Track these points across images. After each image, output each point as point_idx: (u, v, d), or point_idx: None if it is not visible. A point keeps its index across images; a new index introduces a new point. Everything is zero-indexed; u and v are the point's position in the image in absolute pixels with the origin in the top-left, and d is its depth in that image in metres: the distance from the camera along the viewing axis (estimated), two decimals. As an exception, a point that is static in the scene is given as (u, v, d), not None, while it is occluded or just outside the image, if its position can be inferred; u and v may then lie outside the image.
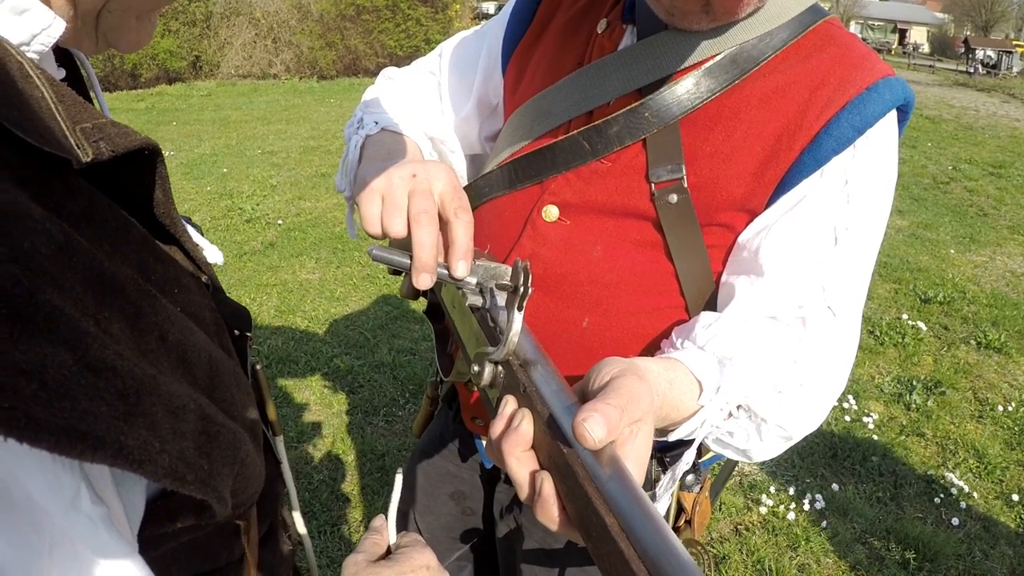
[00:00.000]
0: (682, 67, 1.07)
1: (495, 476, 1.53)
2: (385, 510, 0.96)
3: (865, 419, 3.97)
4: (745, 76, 1.06)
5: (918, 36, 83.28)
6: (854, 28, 76.16)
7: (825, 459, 3.60)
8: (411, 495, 1.69)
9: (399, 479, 0.99)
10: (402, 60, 19.06)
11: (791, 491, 3.34)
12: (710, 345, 0.99)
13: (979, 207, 8.72)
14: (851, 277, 1.05)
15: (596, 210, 1.12)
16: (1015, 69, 43.00)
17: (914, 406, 4.16)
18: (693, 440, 0.98)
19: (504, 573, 1.67)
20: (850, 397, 4.16)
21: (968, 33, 69.59)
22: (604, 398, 0.65)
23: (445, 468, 1.63)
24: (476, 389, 0.85)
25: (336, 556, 2.81)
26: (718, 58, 1.06)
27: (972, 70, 39.45)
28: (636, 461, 0.65)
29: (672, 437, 0.95)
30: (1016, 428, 4.05)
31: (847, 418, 3.99)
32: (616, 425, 0.62)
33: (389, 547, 0.92)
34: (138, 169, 0.51)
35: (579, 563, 1.44)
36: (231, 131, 10.71)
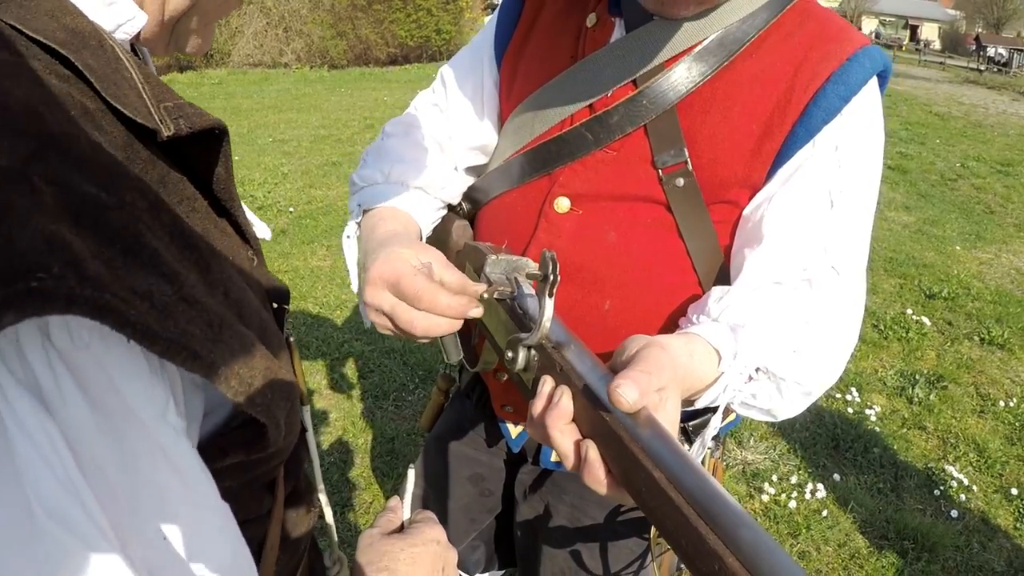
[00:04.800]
0: (673, 55, 1.13)
1: (520, 459, 1.58)
2: (399, 493, 1.02)
3: (867, 411, 4.02)
4: (733, 57, 1.11)
5: (929, 33, 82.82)
6: (866, 23, 75.80)
7: (827, 450, 3.65)
8: (426, 481, 1.74)
9: (411, 473, 1.06)
10: (412, 50, 19.08)
11: (793, 480, 3.39)
12: (723, 316, 1.04)
13: (986, 204, 8.75)
14: (850, 236, 1.10)
15: (606, 198, 1.18)
16: (1026, 67, 42.80)
17: (916, 400, 4.21)
18: (717, 407, 1.05)
19: (522, 553, 1.73)
20: (853, 390, 4.21)
21: (980, 30, 69.20)
22: (633, 367, 0.72)
23: (463, 452, 1.68)
24: (509, 374, 0.91)
25: (345, 536, 2.87)
26: (705, 42, 1.11)
27: (983, 67, 39.28)
28: (668, 425, 0.71)
29: (698, 404, 1.01)
30: (1017, 423, 4.10)
31: (850, 410, 4.04)
32: (646, 389, 0.68)
33: (403, 523, 0.98)
34: (206, 147, 0.57)
35: (603, 538, 1.50)
36: (242, 119, 10.76)
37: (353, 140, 9.48)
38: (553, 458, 1.45)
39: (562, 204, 1.20)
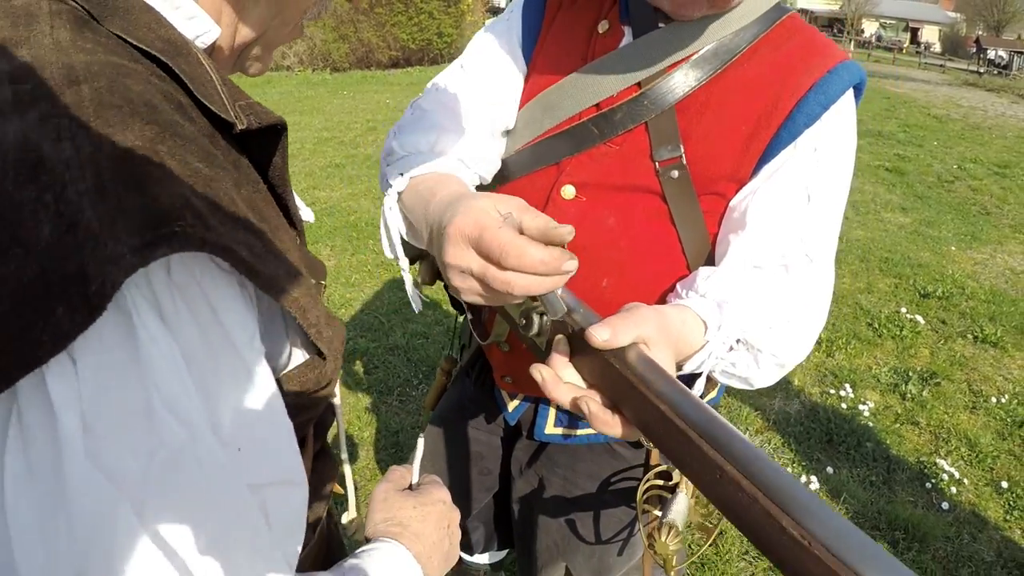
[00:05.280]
0: (673, 61, 1.25)
1: (516, 434, 1.69)
2: (408, 461, 1.11)
3: (861, 407, 4.11)
4: (726, 66, 1.24)
5: (930, 35, 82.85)
6: (866, 26, 75.87)
7: (821, 444, 3.74)
8: (428, 459, 1.84)
9: (421, 441, 1.15)
10: (414, 53, 19.15)
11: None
12: (710, 292, 1.16)
13: (982, 205, 8.84)
14: (824, 228, 1.24)
15: (608, 187, 1.29)
16: (1027, 70, 42.84)
17: (909, 396, 4.29)
18: (701, 373, 1.16)
19: (519, 530, 1.83)
20: (847, 386, 4.30)
21: (980, 33, 69.23)
22: (616, 316, 0.86)
23: (463, 431, 1.79)
24: (523, 341, 1.00)
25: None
26: (702, 51, 1.24)
27: (982, 70, 39.32)
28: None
29: (686, 369, 1.12)
30: (1008, 419, 4.17)
31: (843, 406, 4.13)
32: (619, 330, 0.81)
33: (411, 484, 1.07)
34: (267, 140, 0.67)
35: (594, 508, 1.62)
36: (246, 121, 10.83)
37: (356, 142, 9.57)
38: (547, 431, 1.55)
39: (568, 191, 1.31)
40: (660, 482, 1.41)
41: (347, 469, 1.10)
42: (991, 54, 47.47)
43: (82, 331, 0.45)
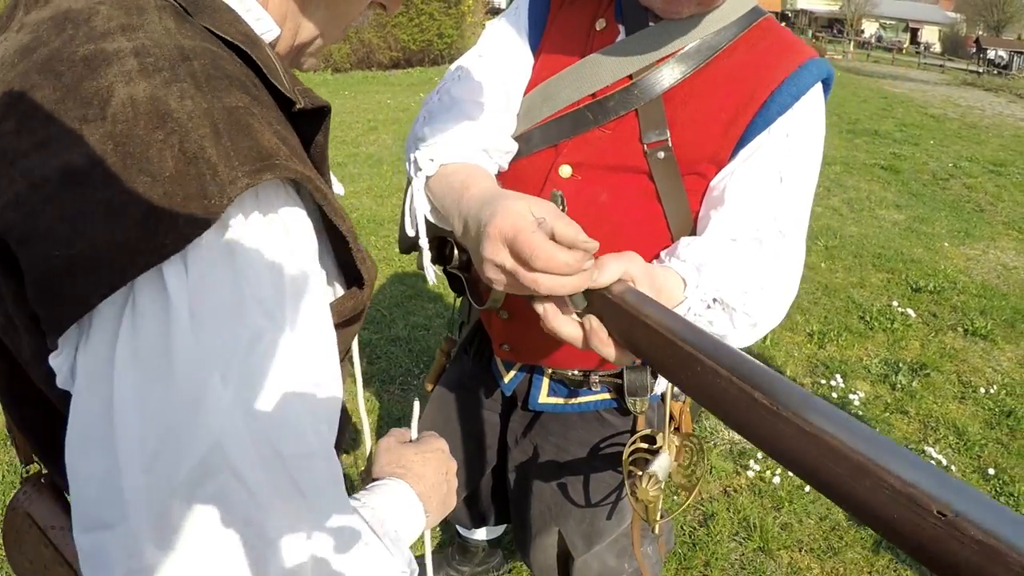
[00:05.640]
0: (661, 56, 1.38)
1: (511, 406, 1.82)
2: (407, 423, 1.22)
3: (851, 396, 4.21)
4: (708, 61, 1.38)
5: (930, 35, 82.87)
6: (866, 26, 75.93)
7: (811, 431, 3.83)
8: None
9: (416, 404, 1.27)
10: (415, 54, 19.25)
11: (778, 458, 3.58)
12: (690, 258, 1.28)
13: (976, 203, 8.95)
14: (795, 207, 1.38)
15: (601, 167, 1.42)
16: (1026, 70, 42.87)
17: (899, 386, 4.39)
18: None
19: (515, 497, 1.94)
20: (837, 376, 4.40)
21: (980, 33, 69.24)
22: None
23: (463, 408, 1.91)
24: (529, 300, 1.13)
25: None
26: (686, 48, 1.38)
27: (981, 70, 39.36)
28: None
29: None
30: (997, 409, 4.26)
31: (834, 395, 4.23)
32: (608, 263, 1.01)
33: (411, 439, 1.17)
34: (314, 121, 0.78)
35: (584, 472, 1.74)
36: (248, 121, 10.94)
37: (357, 142, 9.68)
38: (540, 400, 1.67)
39: (565, 171, 1.43)
40: (644, 445, 1.51)
41: (365, 422, 1.21)
42: (991, 54, 47.54)
43: (199, 235, 0.57)
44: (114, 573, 0.60)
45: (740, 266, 1.29)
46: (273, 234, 0.65)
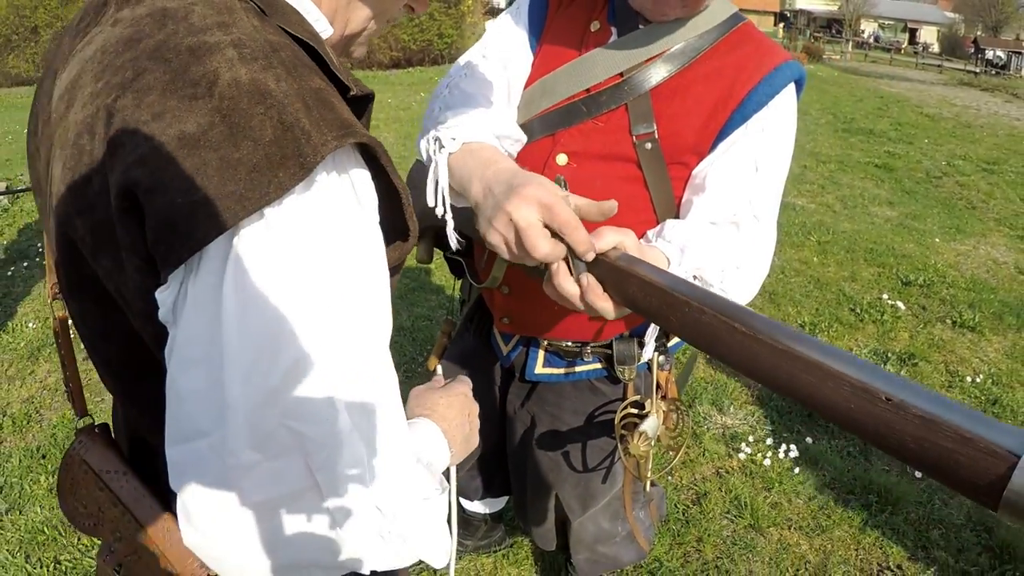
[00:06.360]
0: (650, 56, 1.52)
1: (510, 378, 1.96)
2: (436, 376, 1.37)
3: (841, 384, 4.31)
4: (691, 61, 1.51)
5: (928, 36, 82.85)
6: (865, 26, 75.92)
7: (801, 417, 3.95)
8: None
9: (439, 367, 1.43)
10: (415, 54, 19.37)
11: (768, 442, 3.70)
12: (674, 239, 1.41)
13: (968, 200, 9.08)
14: (768, 194, 1.52)
15: (594, 156, 1.56)
16: (1024, 70, 42.91)
17: (887, 375, 4.49)
18: None
19: (513, 465, 2.08)
20: (828, 365, 4.50)
21: (979, 33, 69.24)
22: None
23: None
24: (526, 271, 1.27)
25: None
26: (671, 50, 1.51)
27: (978, 70, 39.41)
28: None
29: None
30: (983, 397, 4.36)
31: (824, 383, 4.33)
32: (605, 233, 1.13)
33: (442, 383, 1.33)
34: (359, 105, 0.92)
35: (579, 440, 1.88)
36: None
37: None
38: (536, 371, 1.81)
39: (561, 159, 1.57)
40: (635, 411, 1.65)
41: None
42: (989, 54, 47.62)
43: (298, 183, 0.71)
44: (208, 474, 0.73)
45: (719, 247, 1.41)
46: (344, 189, 0.78)
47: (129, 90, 0.73)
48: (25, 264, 5.75)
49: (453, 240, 1.47)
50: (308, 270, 0.73)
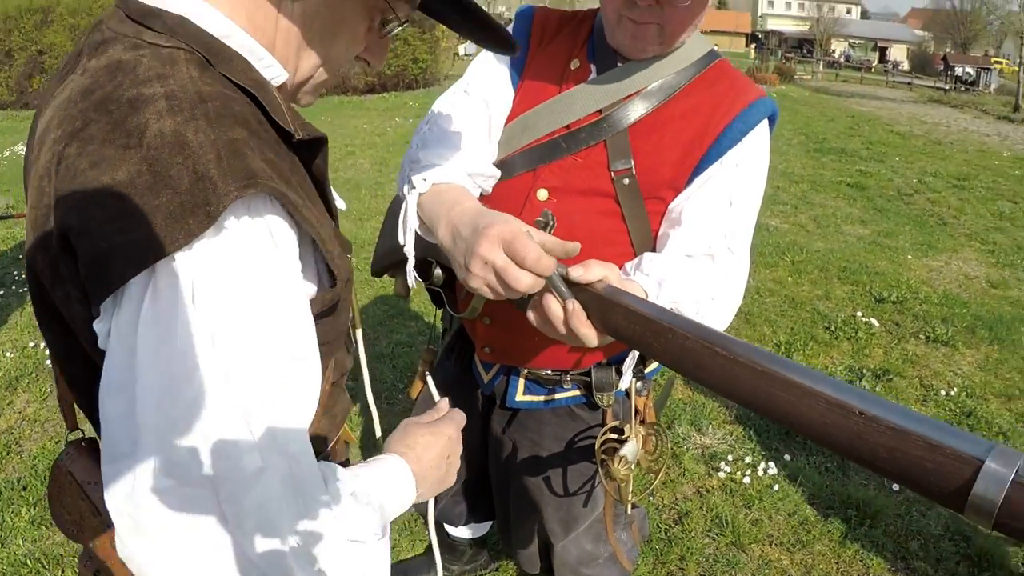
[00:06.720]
0: (627, 93, 1.56)
1: (491, 406, 1.99)
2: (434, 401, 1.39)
3: (818, 401, 4.36)
4: (668, 99, 1.56)
5: (898, 54, 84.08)
6: (836, 46, 76.93)
7: (779, 435, 3.99)
8: None
9: (431, 382, 1.48)
10: (389, 79, 19.45)
11: (747, 460, 3.74)
12: (652, 272, 1.45)
13: (939, 216, 9.21)
14: (742, 227, 1.56)
15: (574, 191, 1.59)
16: (993, 86, 43.60)
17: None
18: None
19: (496, 491, 2.10)
20: (804, 382, 4.55)
21: (948, 50, 70.29)
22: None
23: None
24: (511, 302, 1.28)
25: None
26: (649, 87, 1.56)
27: (948, 87, 39.97)
28: None
29: None
30: (957, 410, 4.42)
31: (801, 401, 4.38)
32: (592, 266, 1.14)
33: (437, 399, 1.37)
34: (314, 148, 0.97)
35: (561, 465, 1.91)
36: (228, 148, 11.04)
37: (335, 167, 9.80)
38: (517, 398, 1.84)
39: (542, 194, 1.61)
40: (614, 436, 1.68)
41: (374, 409, 1.39)
42: (958, 71, 48.31)
43: (202, 232, 0.76)
44: (127, 493, 0.79)
45: (695, 279, 1.45)
46: (259, 234, 0.83)
47: (75, 139, 0.80)
48: (1, 292, 5.71)
49: (411, 278, 1.53)
50: (217, 309, 0.78)
